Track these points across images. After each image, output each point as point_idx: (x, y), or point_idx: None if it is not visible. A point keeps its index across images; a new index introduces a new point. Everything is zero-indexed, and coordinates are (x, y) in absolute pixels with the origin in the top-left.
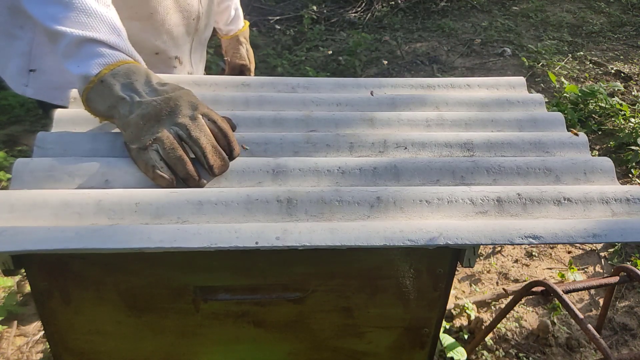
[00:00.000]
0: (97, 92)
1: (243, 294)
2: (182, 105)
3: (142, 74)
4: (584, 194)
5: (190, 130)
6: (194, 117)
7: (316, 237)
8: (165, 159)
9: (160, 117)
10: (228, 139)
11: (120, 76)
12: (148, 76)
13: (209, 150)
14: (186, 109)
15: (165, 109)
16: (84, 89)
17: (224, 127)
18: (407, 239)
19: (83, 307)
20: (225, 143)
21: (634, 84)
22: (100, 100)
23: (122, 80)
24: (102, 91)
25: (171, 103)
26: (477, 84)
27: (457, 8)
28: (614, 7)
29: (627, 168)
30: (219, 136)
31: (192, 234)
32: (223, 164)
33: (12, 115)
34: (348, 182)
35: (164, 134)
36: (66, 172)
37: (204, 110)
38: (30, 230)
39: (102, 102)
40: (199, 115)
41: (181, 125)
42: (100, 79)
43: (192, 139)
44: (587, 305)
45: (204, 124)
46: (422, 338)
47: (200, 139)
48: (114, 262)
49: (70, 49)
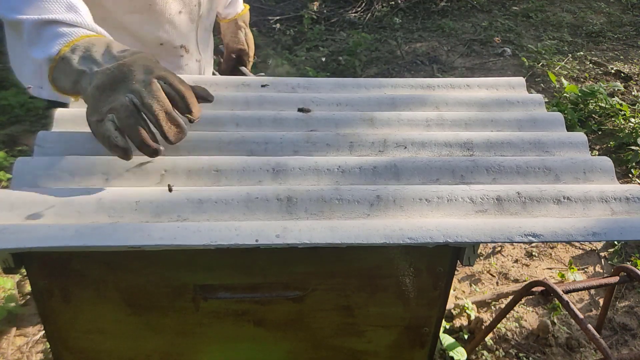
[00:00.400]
0: (59, 70)
1: (243, 292)
2: (135, 70)
3: (102, 44)
4: (584, 193)
5: (142, 96)
6: (148, 82)
7: (316, 235)
8: (120, 127)
9: (115, 85)
10: (186, 101)
11: (79, 50)
12: (109, 45)
13: (162, 118)
14: (140, 73)
15: (118, 76)
16: (48, 70)
17: (181, 88)
18: (407, 237)
19: (83, 306)
20: (183, 105)
21: (634, 84)
22: (63, 78)
23: (80, 53)
24: (63, 68)
25: (124, 69)
26: (477, 84)
27: (457, 8)
28: (614, 7)
29: (627, 168)
30: (176, 99)
31: (192, 231)
32: (179, 131)
33: (12, 115)
34: (348, 181)
35: (117, 103)
36: (66, 170)
37: (159, 73)
38: (31, 228)
39: (66, 79)
40: (154, 79)
41: (135, 92)
42: (61, 56)
43: (145, 106)
44: (587, 305)
45: (158, 89)
46: (422, 337)
47: (152, 105)
48: (114, 261)
49: (32, 36)
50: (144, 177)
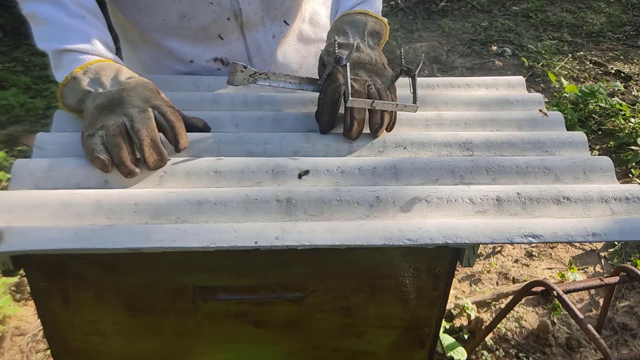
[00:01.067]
0: (69, 88)
1: (242, 293)
2: (133, 96)
3: (112, 69)
4: (584, 193)
5: (134, 121)
6: (142, 109)
7: (315, 237)
8: (106, 143)
9: (113, 107)
10: (174, 131)
11: (91, 72)
12: (118, 71)
13: (146, 144)
14: (137, 100)
15: (117, 99)
16: (59, 87)
17: (172, 119)
18: (407, 238)
19: (82, 308)
20: (171, 136)
21: (634, 84)
22: (71, 95)
23: (91, 75)
24: (73, 87)
25: (124, 94)
26: (477, 84)
27: (457, 8)
28: (614, 7)
29: (627, 168)
30: (166, 129)
31: (192, 233)
32: (159, 159)
33: (12, 115)
34: (347, 181)
35: (110, 122)
36: (65, 172)
37: (155, 102)
38: (30, 231)
39: (72, 97)
40: (149, 108)
41: (128, 116)
42: (73, 75)
43: (133, 130)
44: (587, 305)
45: (150, 117)
46: (422, 338)
47: (140, 130)
48: (113, 263)
49: (55, 62)
50: (143, 179)
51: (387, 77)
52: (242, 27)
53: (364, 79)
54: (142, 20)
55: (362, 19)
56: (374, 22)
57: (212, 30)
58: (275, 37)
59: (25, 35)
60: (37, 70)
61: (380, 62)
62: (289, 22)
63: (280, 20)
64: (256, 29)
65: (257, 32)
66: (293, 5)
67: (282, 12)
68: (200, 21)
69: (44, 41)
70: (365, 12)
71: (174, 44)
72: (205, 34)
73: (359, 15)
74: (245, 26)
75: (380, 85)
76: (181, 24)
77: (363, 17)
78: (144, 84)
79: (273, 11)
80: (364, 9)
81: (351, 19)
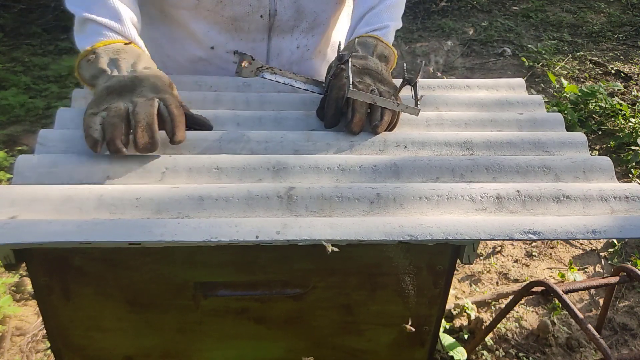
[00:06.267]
0: (87, 60)
1: (243, 290)
2: (145, 86)
3: (133, 54)
4: (583, 192)
5: (136, 106)
6: (149, 99)
7: (316, 232)
8: (103, 124)
9: (122, 92)
10: (173, 123)
11: (111, 52)
12: (138, 57)
13: (140, 126)
14: (147, 90)
15: (128, 86)
16: (78, 57)
17: (175, 112)
18: (407, 234)
19: (84, 303)
20: (169, 127)
21: (634, 84)
22: (87, 69)
23: (111, 55)
24: (92, 61)
25: (136, 81)
26: (477, 85)
27: (457, 8)
28: (614, 7)
29: (627, 168)
30: (166, 120)
31: (193, 228)
32: (149, 143)
33: (12, 115)
34: (348, 179)
35: (114, 105)
36: (68, 168)
37: (163, 95)
38: (32, 224)
39: (88, 71)
40: (156, 98)
41: (133, 103)
42: (94, 50)
43: (133, 113)
44: (587, 305)
45: (152, 105)
46: (422, 336)
47: (138, 114)
48: (114, 258)
49: (79, 26)
50: (145, 175)
51: (391, 86)
52: (270, 29)
53: (368, 83)
54: None
55: (373, 42)
56: (384, 47)
57: (242, 23)
58: (300, 48)
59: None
60: (37, 70)
61: (386, 74)
62: (316, 38)
63: (308, 34)
64: (283, 35)
65: (283, 38)
66: (324, 22)
67: (311, 26)
68: (235, 11)
69: (74, 3)
70: (377, 37)
71: (200, 27)
72: (234, 25)
73: (371, 38)
74: (274, 29)
75: (384, 90)
76: (215, 8)
77: (374, 41)
78: (158, 76)
79: (304, 23)
80: (376, 34)
81: (363, 41)
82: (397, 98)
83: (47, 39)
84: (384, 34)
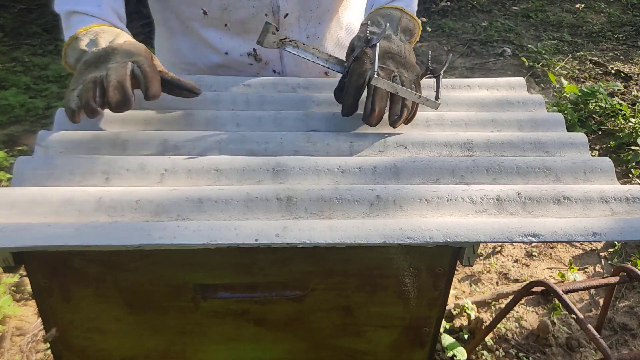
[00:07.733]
0: (71, 47)
1: (243, 292)
2: (118, 53)
3: (112, 33)
4: (584, 193)
5: (108, 70)
6: (122, 62)
7: (316, 235)
8: (80, 92)
9: (98, 63)
10: (146, 79)
11: (91, 34)
12: (117, 35)
13: (112, 85)
14: (120, 56)
15: (103, 56)
16: (64, 47)
17: (147, 70)
18: (407, 237)
19: (83, 305)
20: (143, 84)
21: (634, 84)
22: (71, 55)
23: (90, 37)
24: (74, 46)
25: (109, 50)
26: (477, 85)
27: (457, 8)
28: (614, 7)
29: (627, 168)
30: (140, 79)
31: (192, 231)
32: (122, 100)
33: (12, 115)
34: (348, 180)
35: (90, 76)
36: (67, 170)
37: (137, 58)
38: (31, 227)
39: (72, 56)
40: (129, 61)
41: (107, 68)
42: (75, 36)
43: (106, 77)
44: (587, 305)
45: (124, 67)
46: (422, 337)
47: (110, 75)
48: (113, 260)
49: (65, 23)
50: (144, 177)
51: (414, 72)
52: (278, 25)
53: (391, 69)
54: (185, 10)
55: (397, 14)
56: (408, 20)
57: (250, 24)
58: (310, 38)
59: (25, 35)
60: (37, 70)
61: (409, 56)
62: (325, 25)
63: (316, 22)
64: (291, 28)
65: (292, 31)
66: (329, 8)
67: (317, 14)
68: (240, 15)
69: (59, 3)
70: (401, 8)
71: (212, 35)
72: (243, 27)
73: (395, 10)
74: (282, 24)
75: (406, 78)
76: (221, 15)
77: (398, 13)
78: (134, 44)
79: (309, 12)
80: (400, 6)
81: (387, 12)
82: (417, 87)
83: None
84: (408, 3)
